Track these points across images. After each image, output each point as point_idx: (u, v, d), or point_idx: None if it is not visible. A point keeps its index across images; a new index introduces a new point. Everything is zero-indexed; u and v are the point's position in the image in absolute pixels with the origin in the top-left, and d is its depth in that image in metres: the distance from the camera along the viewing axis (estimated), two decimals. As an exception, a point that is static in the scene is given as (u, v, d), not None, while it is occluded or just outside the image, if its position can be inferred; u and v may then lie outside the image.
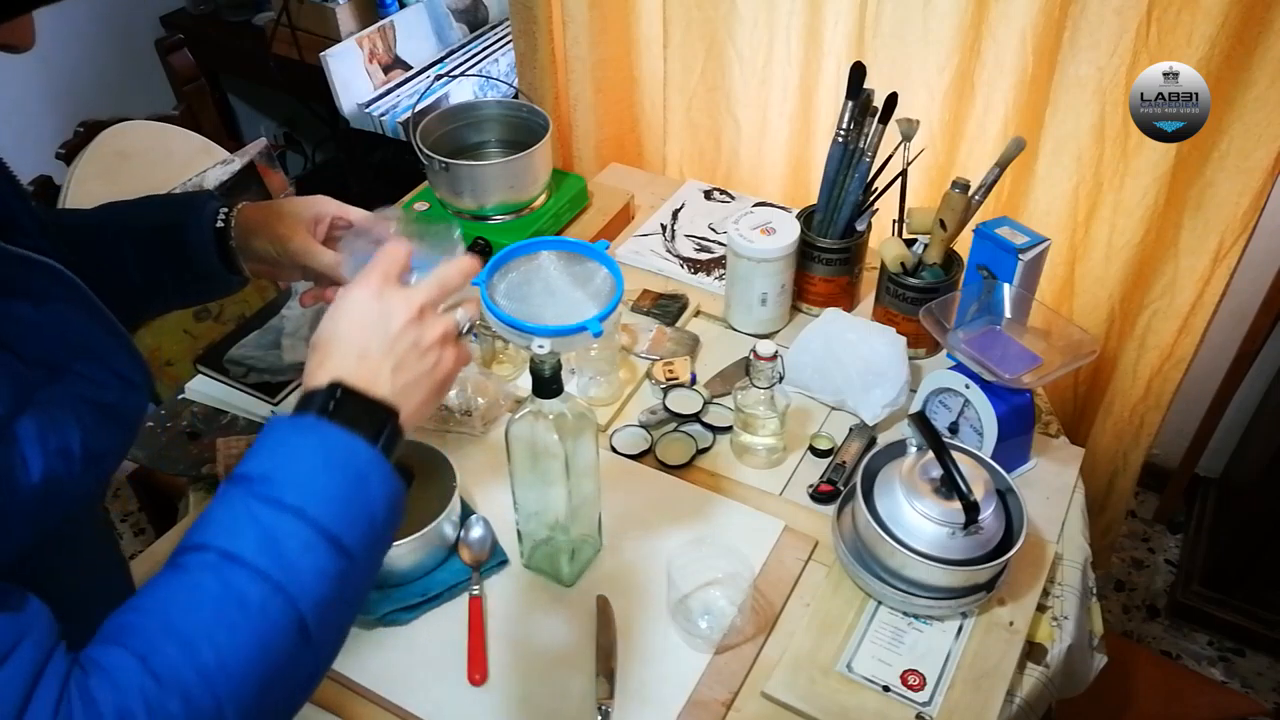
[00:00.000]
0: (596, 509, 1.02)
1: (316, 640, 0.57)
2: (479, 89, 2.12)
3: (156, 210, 0.91)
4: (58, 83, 2.30)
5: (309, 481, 0.58)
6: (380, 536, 0.61)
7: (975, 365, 1.07)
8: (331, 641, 0.59)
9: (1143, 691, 1.43)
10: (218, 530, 0.57)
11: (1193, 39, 1.21)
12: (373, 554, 0.61)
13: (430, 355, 0.67)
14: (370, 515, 0.60)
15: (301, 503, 0.57)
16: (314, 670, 0.59)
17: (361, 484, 0.60)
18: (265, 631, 0.55)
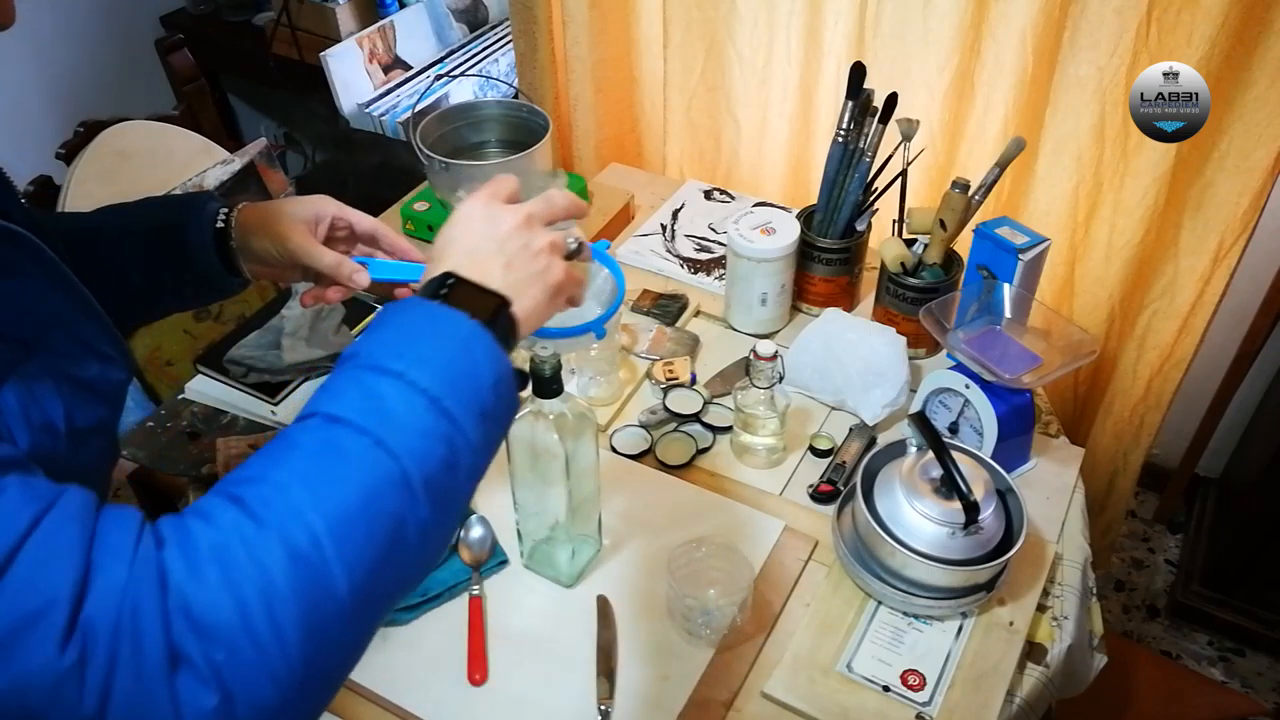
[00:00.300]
0: (596, 509, 1.02)
1: (423, 500, 0.54)
2: (479, 89, 2.12)
3: (156, 212, 0.91)
4: (58, 83, 2.30)
5: (411, 348, 0.58)
6: (488, 412, 0.59)
7: (975, 365, 1.07)
8: (441, 508, 0.56)
9: (1143, 691, 1.43)
10: (322, 398, 0.57)
11: (1193, 39, 1.21)
12: (483, 429, 0.58)
13: (540, 258, 0.68)
14: (475, 385, 0.58)
15: (403, 367, 0.56)
16: (424, 534, 0.55)
17: (466, 354, 0.59)
18: (366, 480, 0.52)
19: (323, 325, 1.28)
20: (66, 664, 0.45)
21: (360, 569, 0.51)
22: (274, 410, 1.22)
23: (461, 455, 0.57)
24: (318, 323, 1.28)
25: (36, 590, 0.46)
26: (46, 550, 0.47)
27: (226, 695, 0.47)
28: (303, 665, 0.49)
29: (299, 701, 0.49)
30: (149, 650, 0.46)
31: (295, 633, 0.49)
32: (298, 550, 0.50)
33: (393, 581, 0.54)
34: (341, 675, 0.53)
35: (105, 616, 0.46)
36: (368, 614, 0.53)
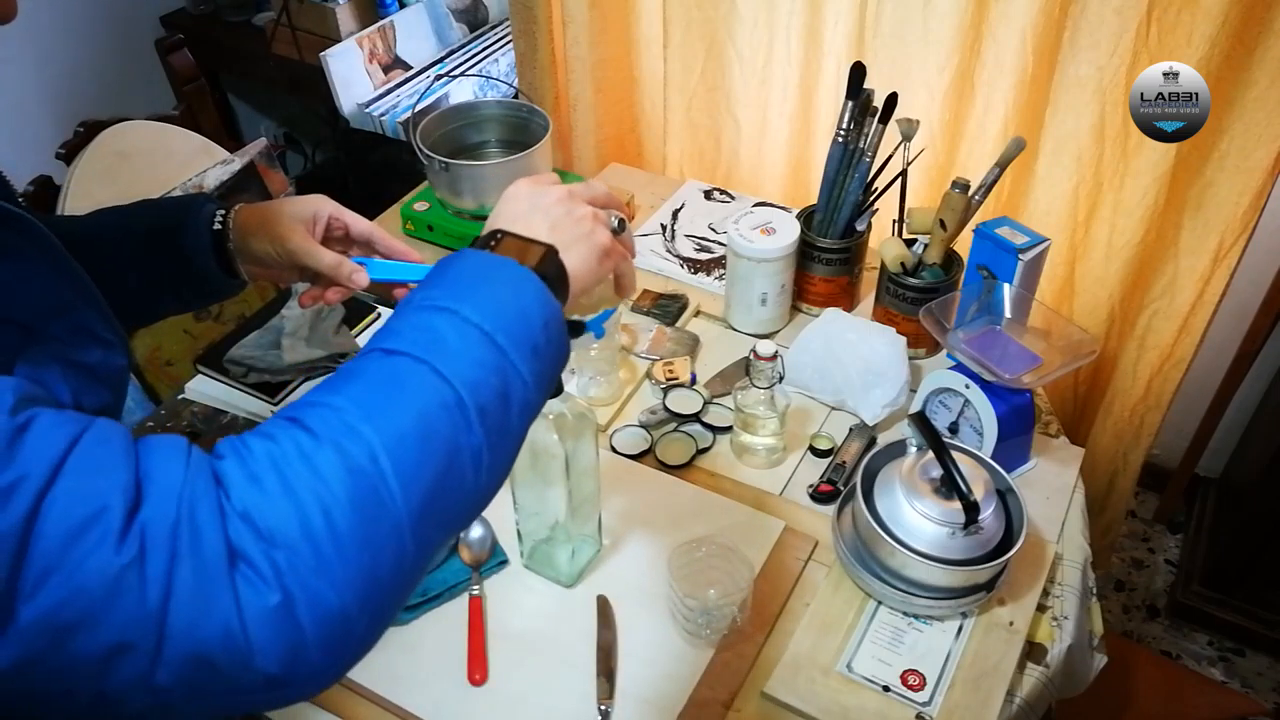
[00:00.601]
0: (596, 509, 1.02)
1: (477, 427, 0.55)
2: (479, 89, 2.12)
3: (152, 214, 0.91)
4: (58, 83, 2.30)
5: (464, 289, 0.60)
6: (540, 351, 0.60)
7: (975, 365, 1.07)
8: (495, 438, 0.56)
9: (1143, 691, 1.43)
10: (379, 336, 0.58)
11: (1193, 39, 1.21)
12: (534, 366, 0.59)
13: (585, 223, 0.71)
14: (526, 323, 0.60)
15: (457, 305, 0.58)
16: (478, 462, 0.55)
17: (516, 294, 0.61)
18: (420, 403, 0.54)
19: (323, 325, 1.28)
20: (125, 559, 0.45)
21: (416, 486, 0.52)
22: (274, 410, 1.22)
23: (514, 388, 0.58)
24: (318, 323, 1.28)
25: (86, 499, 0.46)
26: (92, 461, 0.47)
27: (287, 596, 0.47)
28: (360, 573, 0.50)
29: (359, 611, 0.50)
30: (209, 546, 0.47)
31: (353, 540, 0.49)
32: (354, 463, 0.50)
33: (449, 506, 0.55)
34: (401, 592, 0.54)
35: (163, 516, 0.47)
36: (425, 533, 0.53)
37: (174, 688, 0.47)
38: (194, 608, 0.46)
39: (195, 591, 0.46)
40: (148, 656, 0.46)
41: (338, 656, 0.50)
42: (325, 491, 0.49)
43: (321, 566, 0.48)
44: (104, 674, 0.46)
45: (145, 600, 0.45)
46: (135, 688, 0.46)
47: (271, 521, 0.48)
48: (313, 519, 0.49)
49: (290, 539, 0.48)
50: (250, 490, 0.49)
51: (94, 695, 0.46)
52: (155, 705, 0.47)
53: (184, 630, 0.46)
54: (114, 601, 0.45)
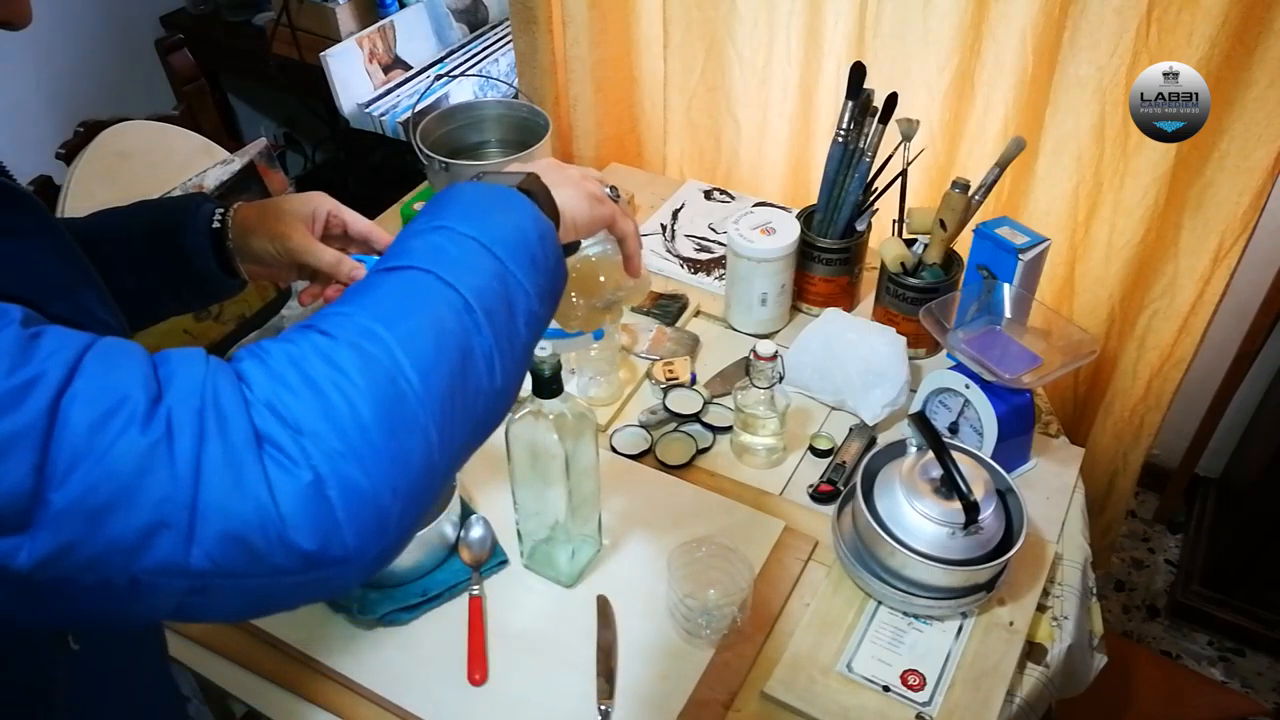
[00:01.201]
0: (596, 509, 1.02)
1: (486, 327, 0.57)
2: (479, 89, 2.12)
3: (151, 215, 0.90)
4: (58, 83, 2.30)
5: (455, 210, 0.62)
6: (537, 262, 0.62)
7: (975, 365, 1.07)
8: (504, 342, 0.58)
9: (1143, 691, 1.43)
10: (383, 257, 0.60)
11: (1193, 39, 1.21)
12: (534, 277, 0.61)
13: (573, 172, 0.74)
14: (521, 236, 0.62)
15: (452, 223, 0.61)
16: (490, 363, 0.57)
17: (508, 209, 0.63)
18: (429, 304, 0.56)
19: (323, 325, 1.28)
20: (152, 438, 0.46)
21: (435, 379, 0.53)
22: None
23: (516, 295, 0.60)
24: (318, 323, 1.28)
25: (107, 390, 0.46)
26: (108, 360, 0.48)
27: (317, 476, 0.48)
28: (389, 458, 0.50)
29: (391, 496, 0.51)
30: (235, 429, 0.47)
31: (378, 426, 0.50)
32: (372, 357, 0.52)
33: (469, 403, 0.56)
34: (431, 484, 0.54)
35: (187, 403, 0.47)
36: (448, 426, 0.54)
37: (209, 571, 0.47)
38: (225, 485, 0.46)
39: (225, 470, 0.47)
40: (182, 535, 0.46)
41: (372, 540, 0.50)
42: (346, 383, 0.50)
43: (349, 450, 0.49)
44: (139, 556, 0.45)
45: (176, 477, 0.46)
46: (171, 571, 0.46)
47: (296, 411, 0.49)
48: (336, 407, 0.50)
49: (316, 426, 0.49)
50: (272, 384, 0.50)
51: (130, 583, 0.46)
52: (192, 591, 0.47)
53: (216, 507, 0.46)
54: (144, 480, 0.45)
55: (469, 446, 0.58)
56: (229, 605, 0.50)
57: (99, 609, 0.48)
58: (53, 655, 0.61)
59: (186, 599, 0.48)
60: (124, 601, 0.47)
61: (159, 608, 0.48)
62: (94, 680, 0.67)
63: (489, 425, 0.60)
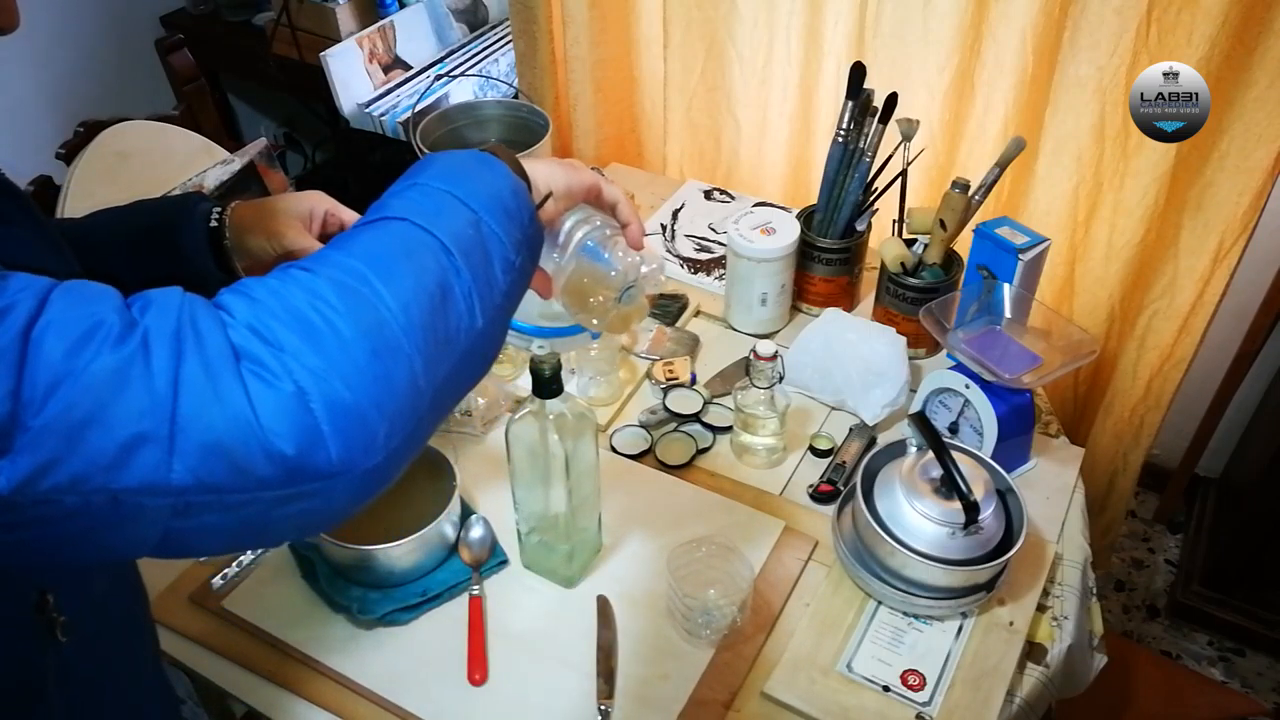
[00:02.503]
0: (596, 509, 1.02)
1: (463, 267, 0.58)
2: (479, 89, 2.12)
3: (148, 214, 0.90)
4: (58, 83, 2.30)
5: (428, 169, 0.63)
6: (511, 213, 0.63)
7: (975, 365, 1.07)
8: (482, 284, 0.59)
9: (1143, 691, 1.43)
10: (363, 217, 0.62)
11: (1193, 39, 1.21)
12: (507, 227, 0.62)
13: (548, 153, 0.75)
14: (493, 189, 0.63)
15: (425, 179, 0.62)
16: (470, 302, 0.58)
17: (480, 166, 0.65)
18: (405, 243, 0.57)
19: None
20: (128, 352, 0.46)
21: (414, 308, 0.54)
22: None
23: (491, 243, 0.61)
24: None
25: (81, 317, 0.46)
26: (79, 293, 0.48)
27: (299, 387, 0.48)
28: (371, 376, 0.51)
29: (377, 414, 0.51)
30: (213, 346, 0.48)
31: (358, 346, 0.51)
32: (349, 285, 0.53)
33: (451, 337, 0.57)
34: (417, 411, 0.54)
35: (164, 324, 0.48)
36: (432, 357, 0.55)
37: (191, 486, 0.46)
38: (204, 397, 0.46)
39: (204, 382, 0.47)
40: (162, 449, 0.46)
41: (359, 454, 0.50)
42: (326, 307, 0.51)
43: (330, 365, 0.49)
44: (119, 473, 0.45)
45: (153, 391, 0.46)
46: (153, 489, 0.46)
47: (277, 331, 0.49)
48: (318, 328, 0.50)
49: (297, 345, 0.49)
50: (252, 309, 0.50)
51: (112, 503, 0.46)
52: (176, 512, 0.47)
53: (196, 418, 0.46)
54: (121, 394, 0.45)
55: (455, 383, 0.58)
56: (214, 530, 0.50)
57: (83, 537, 0.47)
58: (42, 648, 0.61)
59: (171, 523, 0.47)
60: (108, 527, 0.47)
61: (144, 535, 0.48)
62: (86, 678, 0.67)
63: (473, 365, 0.60)
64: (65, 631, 0.62)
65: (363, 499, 0.53)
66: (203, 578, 1.02)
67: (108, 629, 0.70)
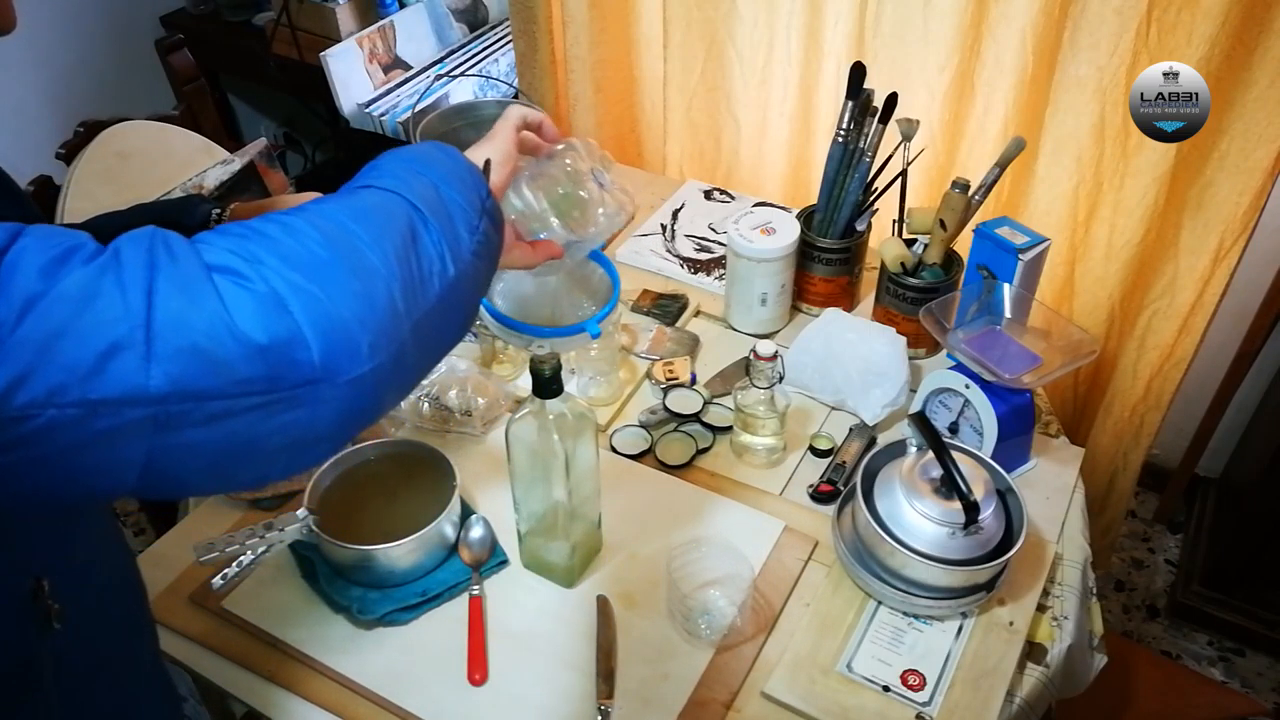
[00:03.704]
0: (596, 509, 1.02)
1: (430, 218, 0.59)
2: (479, 89, 2.12)
3: (147, 217, 0.90)
4: (58, 83, 2.30)
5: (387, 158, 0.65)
6: (465, 182, 0.65)
7: (975, 365, 1.07)
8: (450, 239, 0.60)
9: (1143, 691, 1.43)
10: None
11: (1193, 39, 1.21)
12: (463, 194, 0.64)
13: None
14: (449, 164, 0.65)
15: (384, 164, 0.64)
16: (442, 249, 0.59)
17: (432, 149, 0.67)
18: (373, 199, 0.59)
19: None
20: (100, 266, 0.47)
21: (387, 245, 0.56)
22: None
23: (453, 207, 0.62)
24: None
25: (56, 243, 0.47)
26: (50, 229, 0.48)
27: (274, 291, 0.49)
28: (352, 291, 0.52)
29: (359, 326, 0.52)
30: (186, 260, 0.48)
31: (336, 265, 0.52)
32: (323, 223, 0.54)
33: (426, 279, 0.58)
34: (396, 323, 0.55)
35: (137, 246, 0.48)
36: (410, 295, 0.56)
37: (170, 393, 0.46)
38: (179, 302, 0.47)
39: (178, 290, 0.47)
40: (139, 355, 0.46)
41: (342, 361, 0.50)
42: (301, 235, 0.52)
43: (308, 277, 0.50)
44: (97, 381, 0.45)
45: (127, 299, 0.46)
46: (132, 398, 0.46)
47: (253, 250, 0.50)
48: (293, 249, 0.51)
49: (273, 261, 0.50)
50: (227, 239, 0.51)
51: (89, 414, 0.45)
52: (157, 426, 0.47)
53: (172, 322, 0.46)
54: (94, 303, 0.46)
55: (435, 328, 0.59)
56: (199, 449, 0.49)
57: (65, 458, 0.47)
58: (38, 635, 0.61)
59: (154, 440, 0.47)
60: (89, 445, 0.46)
61: (128, 456, 0.48)
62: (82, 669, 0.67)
63: (451, 315, 0.61)
64: (61, 619, 0.62)
65: (351, 419, 0.53)
66: (203, 578, 1.02)
67: (105, 621, 0.71)
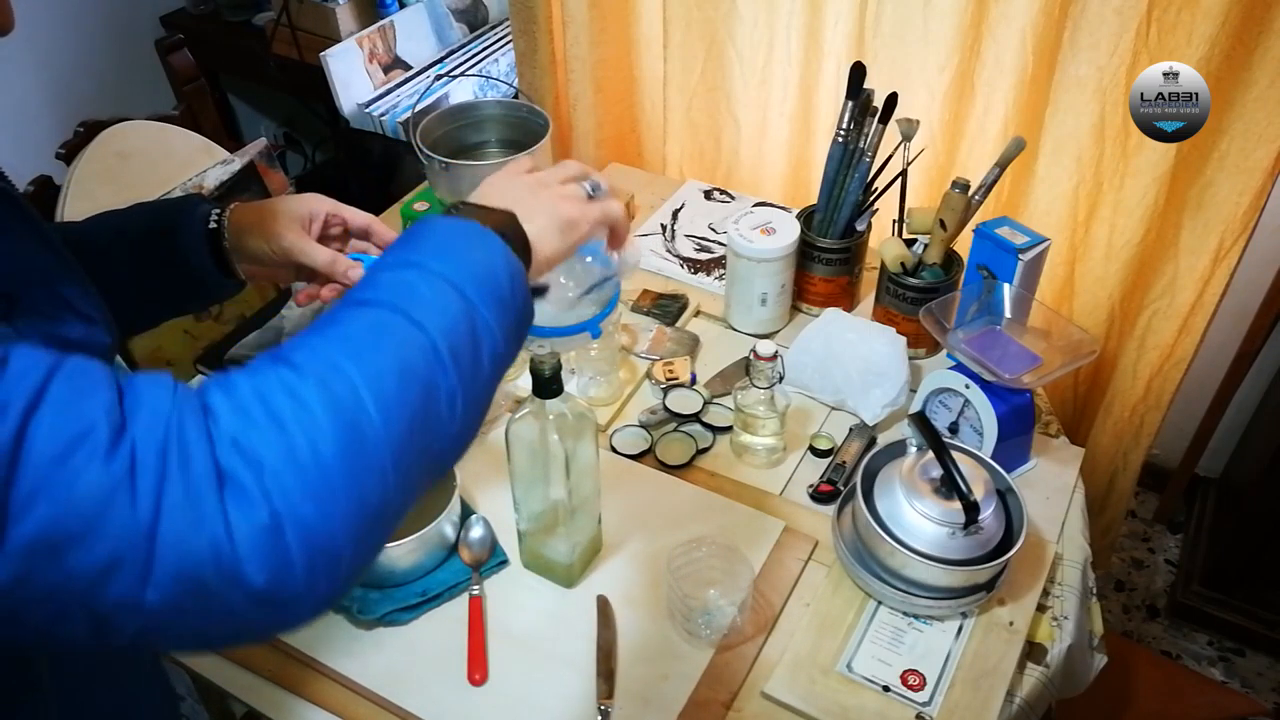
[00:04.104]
0: (596, 509, 1.02)
1: (451, 368, 0.57)
2: (479, 89, 2.12)
3: (147, 216, 0.90)
4: (58, 83, 2.30)
5: (428, 245, 0.62)
6: (505, 301, 0.62)
7: (975, 365, 1.07)
8: (468, 382, 0.59)
9: (1143, 691, 1.43)
10: (354, 291, 0.61)
11: (1193, 39, 1.21)
12: (500, 316, 0.62)
13: (546, 198, 0.72)
14: (490, 275, 0.62)
15: (422, 259, 0.61)
16: (453, 403, 0.57)
17: (479, 247, 0.63)
18: (397, 345, 0.56)
19: (323, 325, 1.28)
20: (116, 475, 0.46)
21: (397, 419, 0.54)
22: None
23: (482, 335, 0.60)
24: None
25: (72, 420, 0.46)
26: (74, 386, 0.48)
27: (275, 517, 0.48)
28: (347, 501, 0.51)
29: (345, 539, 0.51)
30: (198, 466, 0.47)
31: (339, 469, 0.51)
32: (337, 395, 0.52)
33: (430, 444, 0.57)
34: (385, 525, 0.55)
35: (151, 436, 0.47)
36: (407, 467, 0.55)
37: (163, 609, 0.47)
38: (184, 524, 0.46)
39: (185, 508, 0.47)
40: (138, 573, 0.46)
41: (323, 581, 0.51)
42: (310, 422, 0.50)
43: (309, 491, 0.49)
44: (95, 592, 0.45)
45: (136, 515, 0.46)
46: (126, 608, 0.46)
47: (259, 448, 0.49)
48: (299, 447, 0.50)
49: (277, 466, 0.49)
50: (237, 419, 0.50)
51: (87, 616, 0.46)
52: (146, 628, 0.47)
53: (173, 546, 0.46)
54: (105, 517, 0.45)
55: (423, 485, 0.58)
56: (182, 639, 0.51)
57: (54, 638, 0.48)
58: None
59: (140, 634, 0.48)
60: (81, 634, 0.47)
61: (114, 640, 0.48)
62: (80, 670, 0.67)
63: (445, 465, 0.60)
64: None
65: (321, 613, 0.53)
66: (203, 578, 1.02)
67: None
